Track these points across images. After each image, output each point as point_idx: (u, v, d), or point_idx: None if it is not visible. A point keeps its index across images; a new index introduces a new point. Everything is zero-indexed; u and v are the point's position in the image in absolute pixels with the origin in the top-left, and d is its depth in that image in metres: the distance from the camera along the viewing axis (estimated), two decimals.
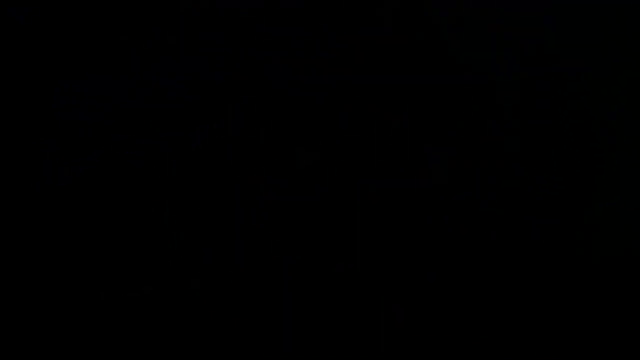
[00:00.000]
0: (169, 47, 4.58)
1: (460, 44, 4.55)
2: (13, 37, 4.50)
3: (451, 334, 3.92)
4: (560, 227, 4.23)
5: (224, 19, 4.61)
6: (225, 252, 4.16)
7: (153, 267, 4.09)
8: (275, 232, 4.21)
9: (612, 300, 4.03)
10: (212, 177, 4.37)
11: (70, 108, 4.46)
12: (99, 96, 4.48)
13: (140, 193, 4.32)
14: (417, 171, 4.38)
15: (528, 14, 4.54)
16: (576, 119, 4.44)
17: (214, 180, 4.36)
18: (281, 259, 4.12)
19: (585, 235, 4.21)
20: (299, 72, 4.53)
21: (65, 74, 4.51)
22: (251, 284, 4.05)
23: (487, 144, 4.44)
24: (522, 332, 3.93)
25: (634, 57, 4.44)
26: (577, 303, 4.03)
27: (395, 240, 4.20)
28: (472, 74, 4.51)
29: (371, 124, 4.46)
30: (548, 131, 4.45)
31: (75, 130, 4.42)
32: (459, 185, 4.36)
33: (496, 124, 4.45)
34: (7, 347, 3.84)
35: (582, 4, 4.48)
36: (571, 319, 3.98)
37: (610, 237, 4.21)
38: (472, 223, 4.24)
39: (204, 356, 3.84)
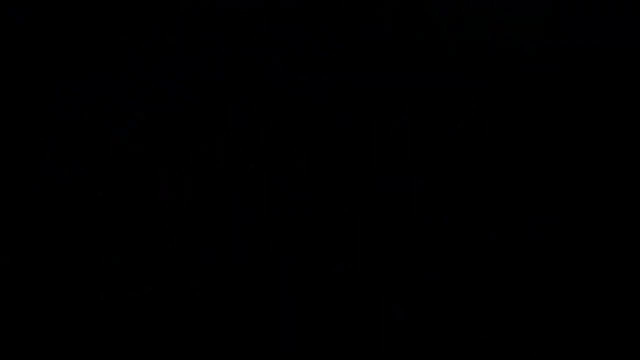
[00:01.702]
0: (169, 47, 4.58)
1: (460, 44, 4.55)
2: (13, 37, 4.50)
3: (451, 333, 3.92)
4: (560, 227, 4.24)
5: (224, 19, 4.61)
6: (225, 252, 4.16)
7: (153, 267, 4.09)
8: (275, 232, 4.21)
9: (611, 300, 4.04)
10: (212, 177, 4.37)
11: (70, 108, 4.46)
12: (99, 96, 4.48)
13: (140, 193, 4.32)
14: (417, 171, 4.38)
15: (528, 14, 4.54)
16: (576, 118, 4.44)
17: (214, 180, 4.36)
18: (281, 259, 4.13)
19: (585, 235, 4.21)
20: (299, 72, 4.52)
21: (65, 74, 4.51)
22: (251, 284, 4.06)
23: (487, 144, 4.44)
24: (521, 331, 3.94)
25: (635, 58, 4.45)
26: (576, 303, 4.03)
27: (395, 240, 4.20)
28: (472, 74, 4.51)
29: (371, 124, 4.46)
30: (548, 131, 4.45)
31: (75, 130, 4.42)
32: (459, 185, 4.36)
33: (496, 124, 4.46)
34: (7, 346, 3.84)
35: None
36: (570, 319, 3.98)
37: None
38: (472, 223, 4.25)
39: (204, 356, 3.84)
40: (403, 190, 4.34)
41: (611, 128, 4.42)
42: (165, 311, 3.98)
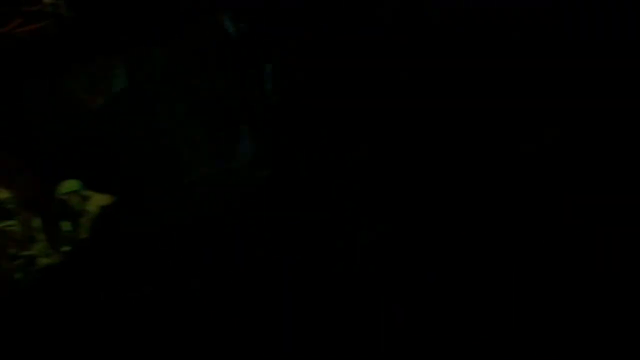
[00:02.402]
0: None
1: (460, 43, 4.56)
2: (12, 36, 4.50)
3: (451, 334, 3.92)
4: (560, 227, 4.23)
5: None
6: (225, 252, 4.16)
7: (153, 267, 4.09)
8: (275, 232, 4.21)
9: (611, 300, 4.04)
10: (212, 177, 4.37)
11: (70, 108, 4.46)
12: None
13: (139, 193, 4.32)
14: (417, 171, 4.39)
15: (528, 14, 4.54)
16: (575, 117, 4.45)
17: (214, 180, 4.36)
18: (281, 259, 4.13)
19: (585, 235, 4.21)
20: (298, 72, 4.53)
21: (65, 74, 4.51)
22: (251, 284, 4.05)
23: (487, 143, 4.44)
24: (521, 331, 3.94)
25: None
26: (576, 303, 4.03)
27: (395, 240, 4.20)
28: (472, 73, 4.51)
29: (371, 124, 4.47)
30: (547, 131, 4.46)
31: (75, 130, 4.42)
32: (459, 185, 4.36)
33: (496, 123, 4.46)
34: (7, 346, 3.84)
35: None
36: (570, 319, 3.98)
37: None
38: (472, 223, 4.25)
39: (204, 356, 3.84)
40: (403, 190, 4.34)
41: (611, 128, 4.42)
42: (165, 311, 3.98)
